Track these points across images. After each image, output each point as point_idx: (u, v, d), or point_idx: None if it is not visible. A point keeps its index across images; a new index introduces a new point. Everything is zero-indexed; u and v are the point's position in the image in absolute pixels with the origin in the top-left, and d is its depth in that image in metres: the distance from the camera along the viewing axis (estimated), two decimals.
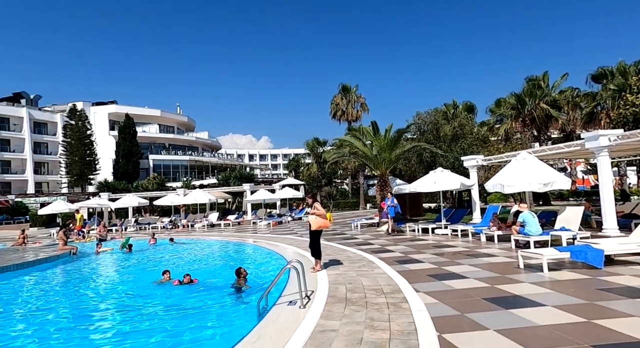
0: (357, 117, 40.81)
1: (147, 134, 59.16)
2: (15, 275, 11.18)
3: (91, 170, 47.81)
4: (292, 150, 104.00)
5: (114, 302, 8.10)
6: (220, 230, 22.72)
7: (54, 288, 10.11)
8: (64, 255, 14.06)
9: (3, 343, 5.68)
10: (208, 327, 5.54)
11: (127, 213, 30.83)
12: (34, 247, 17.55)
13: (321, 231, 7.85)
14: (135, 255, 14.24)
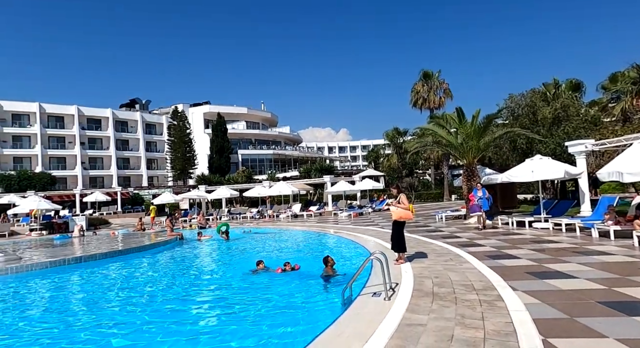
0: (439, 104, 38.65)
1: (236, 131, 63.86)
2: (137, 256, 13.10)
3: (191, 165, 53.45)
4: (370, 141, 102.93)
5: (211, 284, 8.95)
6: (303, 221, 23.62)
7: (164, 269, 11.59)
8: (172, 241, 16.02)
9: (126, 314, 6.66)
10: (295, 315, 5.77)
11: (221, 203, 33.83)
12: (150, 232, 20.34)
13: (404, 223, 7.62)
14: (231, 244, 15.49)
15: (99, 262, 11.90)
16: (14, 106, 52.68)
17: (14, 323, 6.49)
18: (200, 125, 62.32)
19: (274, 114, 75.21)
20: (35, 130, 52.95)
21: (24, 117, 53.50)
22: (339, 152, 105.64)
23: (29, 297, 8.59)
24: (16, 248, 16.14)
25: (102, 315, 6.68)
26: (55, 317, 6.74)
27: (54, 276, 10.30)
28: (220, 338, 4.93)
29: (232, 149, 57.25)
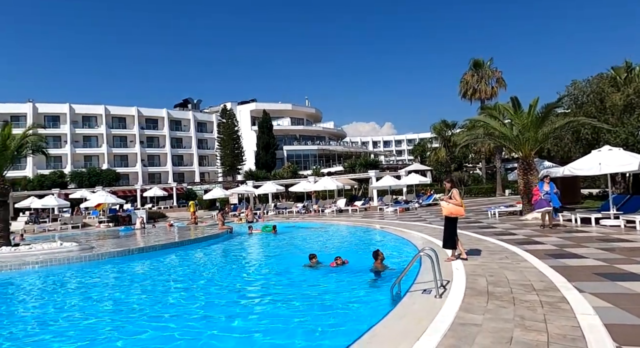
0: (491, 95, 36.51)
1: (281, 127, 65.12)
2: (192, 248, 13.86)
3: (239, 161, 55.45)
4: (416, 135, 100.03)
5: (262, 277, 9.19)
6: (348, 216, 23.59)
7: (217, 261, 12.15)
8: (224, 234, 16.74)
9: (180, 305, 7.05)
10: (344, 309, 5.76)
11: (267, 198, 34.77)
12: (202, 225, 21.43)
13: (456, 219, 7.32)
14: (280, 238, 15.85)
15: (158, 253, 12.75)
16: (84, 109, 57.84)
17: (89, 305, 7.15)
18: (247, 123, 64.31)
19: (317, 110, 75.64)
20: (101, 131, 57.78)
21: (92, 119, 58.57)
22: (384, 147, 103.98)
23: (100, 282, 9.43)
24: (88, 238, 17.77)
25: (160, 302, 7.14)
26: (120, 302, 7.33)
27: (120, 264, 11.21)
28: (271, 331, 5.02)
29: (278, 145, 58.47)
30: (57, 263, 10.92)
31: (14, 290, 9.33)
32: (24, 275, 10.26)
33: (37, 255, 11.54)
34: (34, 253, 11.79)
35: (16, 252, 12.00)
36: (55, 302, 7.62)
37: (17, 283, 9.77)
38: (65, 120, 55.85)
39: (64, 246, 12.33)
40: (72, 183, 44.98)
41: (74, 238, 17.09)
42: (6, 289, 9.35)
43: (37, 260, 10.96)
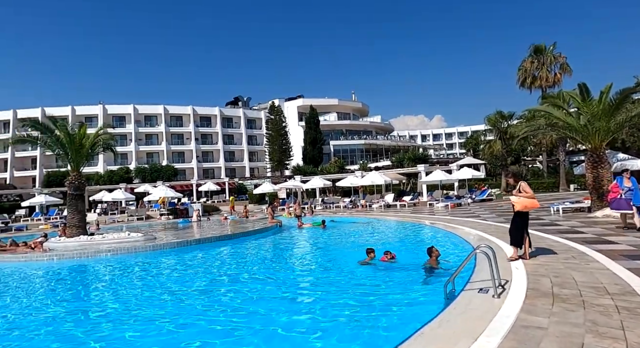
0: (554, 82, 33.72)
1: (328, 122, 65.32)
2: (244, 241, 14.44)
3: (287, 156, 56.59)
4: (468, 127, 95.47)
5: (311, 271, 9.33)
6: (396, 211, 23.17)
7: (268, 254, 12.53)
8: (273, 227, 17.23)
9: (232, 295, 7.36)
10: (396, 306, 5.68)
11: (315, 193, 35.17)
12: (253, 219, 22.22)
13: (527, 214, 6.79)
14: (329, 232, 15.97)
15: (213, 244, 13.45)
16: (146, 109, 62.29)
17: (151, 291, 7.74)
18: (294, 119, 65.29)
19: (364, 104, 74.81)
20: (161, 129, 61.87)
21: (153, 118, 62.89)
22: (433, 140, 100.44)
23: (161, 270, 10.17)
24: (151, 229, 19.18)
25: (216, 291, 7.52)
26: (180, 289, 7.84)
27: (179, 254, 11.98)
28: (319, 328, 4.98)
29: (324, 140, 58.76)
30: (125, 251, 11.94)
31: (93, 274, 10.36)
32: (98, 262, 11.34)
33: (109, 243, 12.69)
34: (106, 242, 12.97)
35: (92, 240, 13.29)
36: (125, 286, 8.35)
37: (94, 268, 10.83)
38: (130, 120, 60.55)
39: (131, 236, 13.42)
40: (136, 178, 48.74)
41: (139, 229, 18.55)
42: (85, 273, 10.42)
43: (109, 248, 12.07)
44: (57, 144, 15.01)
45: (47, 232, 17.02)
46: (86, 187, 17.21)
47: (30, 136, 16.29)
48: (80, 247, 12.45)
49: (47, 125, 15.41)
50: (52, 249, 12.65)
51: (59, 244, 13.15)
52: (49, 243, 13.38)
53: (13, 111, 57.67)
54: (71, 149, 14.98)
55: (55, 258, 11.61)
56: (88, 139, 15.42)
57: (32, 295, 8.23)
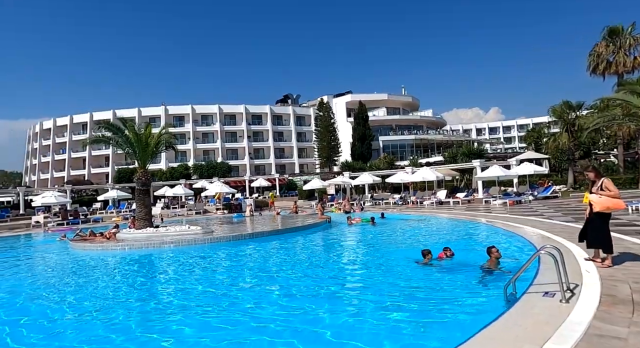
0: (633, 67, 30.24)
1: (377, 118, 64.42)
2: (294, 236, 14.76)
3: (335, 152, 56.77)
4: (529, 119, 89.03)
5: (362, 268, 9.24)
6: (449, 208, 22.30)
7: (318, 249, 12.70)
8: (323, 223, 17.41)
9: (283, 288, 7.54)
10: (451, 306, 5.48)
11: (364, 189, 34.93)
12: (302, 214, 22.63)
13: (610, 215, 6.10)
14: (378, 229, 15.79)
15: (265, 238, 13.90)
16: (202, 109, 65.86)
17: (209, 280, 8.22)
18: (343, 115, 65.22)
19: (415, 98, 72.68)
20: (216, 128, 65.07)
21: (209, 118, 66.33)
22: (489, 134, 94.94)
23: (217, 262, 10.74)
24: (208, 223, 20.28)
25: (264, 286, 7.77)
26: (235, 281, 8.22)
27: (234, 247, 12.55)
28: (369, 327, 4.87)
29: (373, 136, 58.05)
30: (186, 243, 12.76)
31: (158, 263, 11.22)
32: (162, 252, 12.25)
33: (172, 236, 13.64)
34: (169, 234, 13.95)
35: (157, 232, 14.37)
36: (185, 276, 8.95)
37: (159, 257, 11.72)
38: (188, 120, 64.37)
39: (191, 229, 14.30)
40: (194, 175, 51.77)
41: (197, 222, 19.72)
42: (152, 262, 11.31)
43: (172, 240, 12.98)
44: (126, 143, 16.39)
45: (119, 223, 18.69)
46: (151, 183, 18.59)
47: (105, 136, 17.95)
48: (147, 238, 13.52)
49: (118, 126, 16.88)
50: (123, 240, 13.88)
51: (129, 235, 14.38)
52: (121, 234, 14.69)
53: (90, 114, 63.94)
54: (138, 147, 16.28)
55: (126, 248, 12.74)
56: (153, 138, 16.64)
57: (107, 279, 9.14)
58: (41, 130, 68.69)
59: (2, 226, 25.43)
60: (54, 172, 65.07)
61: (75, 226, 22.71)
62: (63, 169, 64.23)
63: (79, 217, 27.31)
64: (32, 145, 71.74)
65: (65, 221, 25.40)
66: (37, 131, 69.63)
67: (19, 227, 24.96)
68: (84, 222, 25.74)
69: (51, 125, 66.97)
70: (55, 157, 65.94)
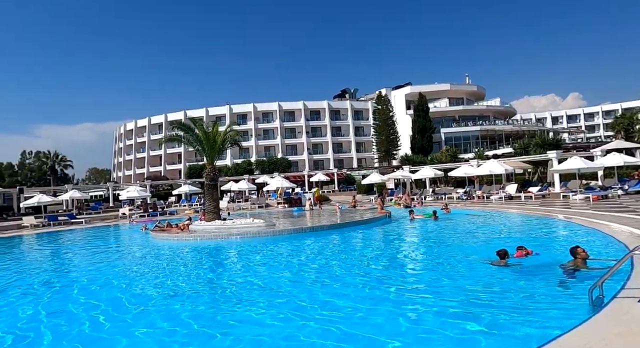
0: None
1: (438, 109, 61.74)
2: (353, 230, 14.78)
3: (394, 146, 55.57)
4: (617, 104, 79.27)
5: (423, 264, 8.97)
6: (520, 203, 20.72)
7: (376, 244, 12.58)
8: (383, 218, 17.21)
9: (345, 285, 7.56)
10: (528, 310, 5.09)
11: (424, 183, 33.79)
12: (361, 209, 22.56)
13: None
14: (442, 224, 15.18)
15: (324, 232, 14.10)
16: (263, 107, 68.50)
17: (270, 271, 8.56)
18: (402, 107, 63.53)
19: (480, 87, 68.30)
20: (276, 125, 67.29)
21: (269, 115, 68.80)
22: (568, 122, 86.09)
23: (282, 254, 11.15)
24: (270, 217, 21.12)
25: (326, 280, 7.88)
26: (293, 276, 8.47)
27: (295, 240, 12.92)
28: (429, 331, 4.61)
29: (434, 128, 55.78)
30: (250, 236, 13.43)
31: (226, 253, 11.97)
32: (229, 243, 13.04)
33: (238, 228, 14.44)
34: (236, 226, 14.78)
35: (224, 225, 15.31)
36: (250, 266, 9.44)
37: (226, 248, 12.50)
38: (250, 118, 67.37)
39: (255, 222, 15.00)
40: (256, 170, 54.14)
41: (260, 216, 20.62)
42: (220, 252, 12.10)
43: (238, 232, 13.75)
44: (196, 141, 17.63)
45: (191, 216, 20.23)
46: (218, 178, 19.82)
47: (177, 135, 19.48)
48: (216, 230, 14.48)
49: (188, 125, 18.21)
50: (195, 231, 15.02)
51: (199, 227, 15.51)
52: (193, 226, 15.89)
53: (164, 115, 69.82)
54: (207, 145, 17.42)
55: (198, 238, 13.77)
56: (219, 136, 17.70)
57: (182, 266, 10.00)
58: (125, 131, 76.58)
59: (95, 217, 28.92)
60: (135, 169, 72.26)
61: (154, 218, 25.05)
62: (143, 166, 71.06)
63: (157, 210, 30.08)
64: (117, 145, 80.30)
65: (146, 213, 28.11)
66: (121, 132, 77.79)
67: (108, 218, 28.17)
68: (162, 214, 28.26)
69: (133, 126, 74.33)
70: (137, 155, 73.13)
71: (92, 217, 28.20)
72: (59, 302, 7.05)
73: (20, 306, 6.87)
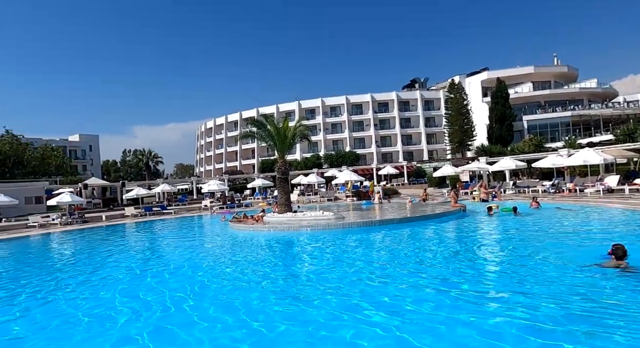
0: None
1: (520, 95, 56.46)
2: (424, 224, 14.30)
3: (469, 136, 52.21)
4: None
5: (503, 265, 8.26)
6: (622, 197, 18.15)
7: (449, 240, 12.01)
8: (457, 212, 16.37)
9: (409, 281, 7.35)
10: (635, 323, 4.51)
11: (504, 175, 31.28)
12: (433, 202, 21.70)
13: None
14: (524, 220, 13.99)
15: (395, 225, 13.86)
16: (331, 101, 69.13)
17: (340, 263, 8.68)
18: (477, 95, 59.33)
19: (571, 67, 60.79)
20: (344, 118, 67.48)
21: (336, 109, 69.23)
22: None
23: (350, 246, 11.24)
24: (339, 209, 21.36)
25: (397, 276, 7.74)
26: (363, 268, 8.46)
27: (364, 233, 12.91)
28: (513, 341, 4.19)
29: (515, 116, 51.12)
30: (320, 228, 13.75)
31: (297, 244, 12.44)
32: (300, 234, 13.50)
33: (308, 220, 14.87)
34: (306, 219, 15.24)
35: (295, 217, 15.88)
36: (319, 257, 9.67)
37: (298, 239, 12.97)
38: (318, 112, 68.48)
39: (324, 215, 15.30)
40: (325, 164, 54.98)
41: (329, 208, 20.96)
42: (292, 243, 12.60)
43: (308, 224, 14.16)
44: (269, 136, 18.50)
45: (265, 208, 21.33)
46: (289, 172, 20.56)
47: (252, 131, 20.62)
48: (287, 222, 15.09)
49: (261, 121, 19.17)
50: (269, 222, 15.81)
51: (272, 219, 16.29)
52: (266, 217, 16.75)
53: (239, 113, 74.29)
54: (278, 139, 18.18)
55: (271, 229, 14.50)
56: (290, 131, 18.34)
57: (257, 254, 10.65)
58: (205, 129, 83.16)
59: (182, 208, 32.01)
60: (215, 164, 78.15)
61: (232, 209, 26.93)
62: (221, 161, 76.58)
63: (234, 202, 32.26)
64: (199, 142, 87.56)
65: (224, 205, 30.35)
66: (202, 130, 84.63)
67: (193, 209, 30.97)
68: (238, 206, 30.25)
69: (212, 124, 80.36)
70: (215, 151, 79.00)
71: (180, 208, 31.24)
72: (160, 277, 8.08)
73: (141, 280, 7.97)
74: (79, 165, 64.54)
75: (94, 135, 71.49)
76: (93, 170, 65.97)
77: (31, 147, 47.16)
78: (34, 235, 18.88)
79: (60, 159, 49.83)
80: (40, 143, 52.79)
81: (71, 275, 9.56)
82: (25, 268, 10.85)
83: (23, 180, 37.55)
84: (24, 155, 44.12)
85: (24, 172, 42.82)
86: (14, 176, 40.90)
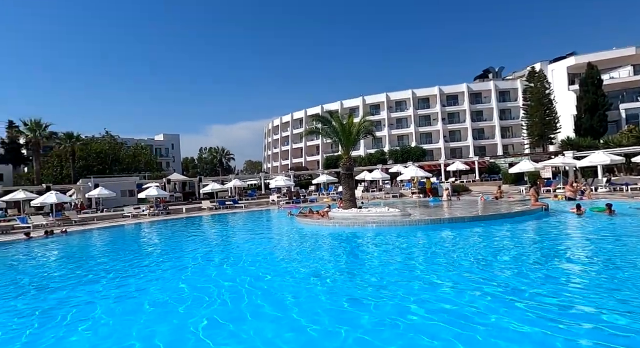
0: None
1: (616, 80, 49.56)
2: (499, 223, 13.34)
3: (551, 129, 47.30)
4: None
5: (592, 272, 7.43)
6: None
7: (527, 242, 11.01)
8: (537, 211, 14.99)
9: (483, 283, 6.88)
10: None
11: (595, 172, 27.85)
12: (508, 200, 20.11)
13: None
14: (620, 221, 12.39)
15: (465, 224, 13.13)
16: (396, 96, 67.44)
17: (404, 261, 8.45)
18: (563, 83, 53.40)
19: None
20: (409, 113, 65.41)
21: (402, 103, 67.35)
22: None
23: (418, 246, 10.90)
24: (405, 206, 20.82)
25: (467, 280, 7.32)
26: (428, 268, 8.15)
27: (432, 231, 12.43)
28: None
29: (610, 104, 45.05)
30: (385, 224, 13.55)
31: (363, 240, 12.42)
32: (366, 230, 13.44)
33: (373, 216, 14.77)
34: (371, 215, 15.15)
35: (360, 212, 15.86)
36: (386, 255, 9.53)
37: (363, 235, 12.94)
38: (383, 107, 67.25)
39: (390, 211, 15.05)
40: (390, 160, 53.92)
41: (395, 205, 20.52)
42: (357, 239, 12.60)
43: (373, 220, 14.05)
44: (333, 132, 18.65)
45: (330, 204, 21.63)
46: (354, 168, 20.53)
47: (317, 128, 20.97)
48: (352, 218, 15.13)
49: (326, 118, 19.38)
50: (334, 217, 15.99)
51: (338, 214, 16.46)
52: (332, 213, 16.97)
53: (304, 111, 75.99)
54: (343, 135, 18.24)
55: (337, 225, 14.64)
56: (355, 126, 18.29)
57: (323, 249, 10.83)
58: (272, 127, 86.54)
59: (252, 202, 33.81)
60: (281, 160, 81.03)
61: (297, 205, 27.73)
62: (287, 158, 79.12)
63: (299, 197, 33.17)
64: (267, 139, 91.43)
65: (291, 200, 31.37)
66: (269, 128, 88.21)
67: (261, 204, 32.53)
68: (304, 202, 31.05)
69: (279, 122, 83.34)
70: (282, 148, 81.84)
71: (250, 202, 33.01)
72: (234, 266, 8.64)
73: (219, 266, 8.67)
74: (163, 162, 71.39)
75: (175, 135, 78.43)
76: (175, 167, 72.60)
77: (125, 146, 53.62)
78: (128, 224, 21.42)
79: (148, 156, 55.81)
80: (131, 142, 59.71)
81: (175, 258, 10.73)
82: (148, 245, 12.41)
83: (119, 176, 42.64)
84: (120, 153, 50.29)
85: (120, 168, 48.66)
86: (112, 172, 46.69)
